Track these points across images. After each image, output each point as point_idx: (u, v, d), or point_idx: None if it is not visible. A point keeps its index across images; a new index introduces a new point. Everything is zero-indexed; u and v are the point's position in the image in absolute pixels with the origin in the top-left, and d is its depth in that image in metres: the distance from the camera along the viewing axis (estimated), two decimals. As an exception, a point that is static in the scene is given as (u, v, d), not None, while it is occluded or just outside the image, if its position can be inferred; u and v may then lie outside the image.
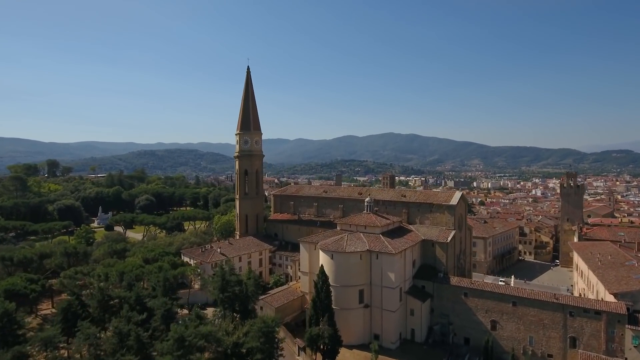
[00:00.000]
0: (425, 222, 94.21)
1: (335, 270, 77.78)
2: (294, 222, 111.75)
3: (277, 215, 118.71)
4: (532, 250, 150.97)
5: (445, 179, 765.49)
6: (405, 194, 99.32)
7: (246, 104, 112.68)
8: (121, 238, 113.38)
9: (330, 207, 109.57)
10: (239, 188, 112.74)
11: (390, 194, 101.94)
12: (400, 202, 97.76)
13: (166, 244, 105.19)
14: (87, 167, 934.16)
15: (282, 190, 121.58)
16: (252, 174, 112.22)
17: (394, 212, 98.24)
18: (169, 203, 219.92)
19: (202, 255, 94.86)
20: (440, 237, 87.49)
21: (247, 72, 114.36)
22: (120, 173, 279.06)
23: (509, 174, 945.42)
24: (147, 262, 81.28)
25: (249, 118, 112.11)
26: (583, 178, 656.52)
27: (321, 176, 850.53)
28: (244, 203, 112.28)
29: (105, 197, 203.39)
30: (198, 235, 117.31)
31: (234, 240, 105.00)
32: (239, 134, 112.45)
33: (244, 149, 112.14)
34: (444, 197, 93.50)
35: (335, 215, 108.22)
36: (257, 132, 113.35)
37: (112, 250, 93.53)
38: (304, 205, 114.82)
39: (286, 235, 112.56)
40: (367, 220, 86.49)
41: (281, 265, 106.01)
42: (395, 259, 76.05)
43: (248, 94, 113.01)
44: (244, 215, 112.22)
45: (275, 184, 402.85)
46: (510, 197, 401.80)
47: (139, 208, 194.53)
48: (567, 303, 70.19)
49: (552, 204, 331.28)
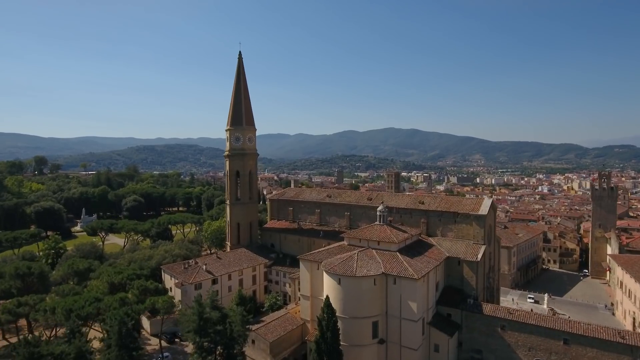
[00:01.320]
0: (448, 234, 79.51)
1: (344, 298, 63.19)
2: (293, 231, 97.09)
3: (274, 223, 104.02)
4: (557, 259, 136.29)
5: (447, 175, 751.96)
6: (424, 200, 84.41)
7: (237, 96, 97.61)
8: (94, 250, 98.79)
9: (335, 214, 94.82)
10: (230, 192, 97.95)
11: (405, 200, 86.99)
12: (417, 210, 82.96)
13: (145, 258, 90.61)
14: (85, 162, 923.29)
15: (280, 194, 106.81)
16: (244, 176, 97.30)
17: (410, 222, 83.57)
18: (160, 204, 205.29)
19: (184, 274, 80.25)
20: (468, 254, 72.81)
21: (238, 59, 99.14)
22: (107, 171, 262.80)
23: (511, 169, 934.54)
24: (113, 289, 66.86)
25: (240, 111, 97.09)
26: (587, 174, 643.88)
27: (322, 172, 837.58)
28: (235, 209, 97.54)
29: (90, 198, 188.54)
30: (184, 246, 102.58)
31: (223, 254, 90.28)
32: (229, 130, 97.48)
33: (235, 147, 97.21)
34: (471, 206, 78.65)
35: (341, 223, 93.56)
36: (250, 128, 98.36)
37: (73, 270, 78.67)
38: (304, 212, 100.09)
39: (284, 246, 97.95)
40: (381, 233, 71.71)
41: (278, 282, 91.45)
42: (418, 285, 61.37)
43: (240, 84, 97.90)
44: (235, 224, 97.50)
45: (274, 182, 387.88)
46: (516, 194, 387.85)
47: (126, 210, 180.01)
48: (637, 344, 55.62)
49: (561, 201, 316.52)
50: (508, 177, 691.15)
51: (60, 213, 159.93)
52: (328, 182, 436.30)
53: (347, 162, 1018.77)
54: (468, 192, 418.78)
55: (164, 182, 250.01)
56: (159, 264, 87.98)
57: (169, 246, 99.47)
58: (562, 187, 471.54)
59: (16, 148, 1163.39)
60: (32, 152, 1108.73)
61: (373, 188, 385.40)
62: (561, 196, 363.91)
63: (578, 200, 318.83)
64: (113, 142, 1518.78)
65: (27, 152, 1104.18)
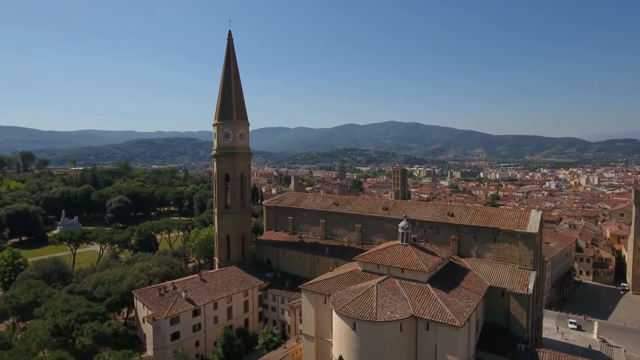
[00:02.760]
0: (485, 254, 64.02)
1: (360, 349, 47.96)
2: (294, 245, 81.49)
3: (271, 234, 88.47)
4: (591, 270, 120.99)
5: (450, 170, 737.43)
6: (454, 212, 68.70)
7: (227, 84, 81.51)
8: (57, 268, 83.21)
9: (344, 226, 79.23)
10: (217, 199, 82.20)
11: (430, 211, 71.18)
12: (446, 224, 67.37)
13: (115, 279, 75.16)
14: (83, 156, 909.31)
15: (278, 200, 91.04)
16: (235, 180, 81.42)
17: (437, 238, 68.09)
18: (149, 204, 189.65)
19: (159, 303, 64.83)
20: (516, 283, 57.35)
21: (228, 40, 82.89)
22: (94, 168, 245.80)
23: (513, 163, 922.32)
24: (58, 333, 51.67)
25: (230, 102, 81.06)
26: (591, 168, 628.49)
27: (322, 166, 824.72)
28: (224, 220, 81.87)
29: (72, 198, 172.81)
30: (165, 261, 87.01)
31: (208, 275, 74.65)
32: (216, 125, 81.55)
33: (224, 145, 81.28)
34: (516, 221, 62.94)
35: (350, 237, 78.05)
36: (241, 123, 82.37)
37: (12, 305, 63.02)
38: (307, 222, 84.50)
39: (283, 264, 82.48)
40: (406, 258, 56.16)
41: (275, 308, 76.11)
42: (460, 333, 46.06)
43: (230, 69, 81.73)
44: (224, 237, 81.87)
45: (273, 178, 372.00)
46: (523, 190, 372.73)
47: (111, 211, 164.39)
48: None
49: (571, 198, 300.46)
50: (512, 171, 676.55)
51: (35, 216, 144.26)
52: (329, 178, 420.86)
53: (348, 156, 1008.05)
54: (473, 187, 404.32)
55: (155, 179, 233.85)
56: (132, 287, 72.61)
57: (147, 262, 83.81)
58: (569, 182, 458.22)
59: (15, 141, 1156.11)
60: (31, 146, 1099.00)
61: (377, 184, 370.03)
62: (570, 192, 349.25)
63: (589, 197, 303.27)
64: (112, 136, 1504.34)
65: (26, 145, 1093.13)
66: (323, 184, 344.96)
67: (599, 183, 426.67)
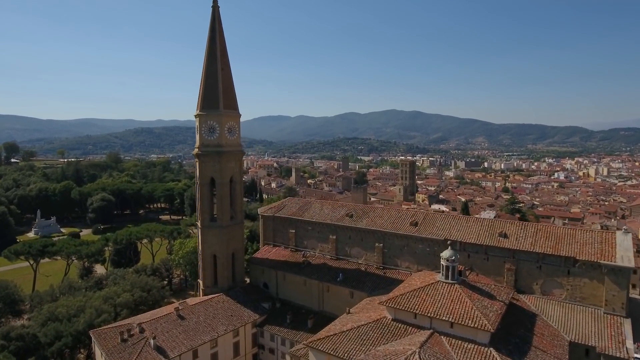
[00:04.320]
0: (554, 291, 47.91)
1: None
2: (297, 268, 65.20)
3: (269, 251, 72.17)
4: (637, 283, 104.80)
5: (454, 159, 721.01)
6: (508, 230, 52.12)
7: (211, 65, 64.26)
8: (5, 293, 67.35)
9: (360, 244, 62.92)
10: (201, 210, 65.56)
11: (475, 229, 54.46)
12: (497, 247, 51.07)
13: (72, 312, 59.23)
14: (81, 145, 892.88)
15: (277, 208, 74.42)
16: (222, 186, 64.61)
17: (485, 266, 51.93)
18: (137, 202, 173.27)
19: (119, 354, 48.90)
20: (607, 339, 41.28)
21: (213, 9, 65.28)
22: (77, 161, 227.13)
23: (516, 152, 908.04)
24: None
25: (216, 88, 63.99)
26: (597, 157, 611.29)
27: (323, 155, 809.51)
28: (210, 236, 65.40)
29: (51, 196, 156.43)
30: (140, 283, 70.79)
31: (188, 309, 58.28)
32: (199, 116, 64.57)
33: (209, 141, 64.40)
34: (597, 246, 46.58)
35: (369, 258, 61.83)
36: (230, 113, 65.34)
37: None
38: (313, 237, 68.24)
39: (283, 290, 66.32)
40: (456, 306, 39.94)
41: (274, 350, 60.11)
42: None
43: (215, 47, 64.34)
44: (209, 257, 65.50)
45: (273, 169, 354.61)
46: (531, 181, 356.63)
47: (92, 211, 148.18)
48: None
49: (582, 190, 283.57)
50: (517, 161, 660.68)
51: (5, 217, 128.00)
52: (332, 169, 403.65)
53: (349, 145, 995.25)
54: (479, 178, 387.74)
55: (145, 174, 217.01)
56: (90, 325, 56.67)
57: (114, 287, 67.70)
58: (577, 172, 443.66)
59: (14, 130, 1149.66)
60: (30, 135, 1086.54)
61: (381, 176, 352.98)
62: (581, 184, 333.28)
63: (601, 189, 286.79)
64: (112, 125, 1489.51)
65: (25, 134, 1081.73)
66: (325, 175, 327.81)
67: (608, 174, 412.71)
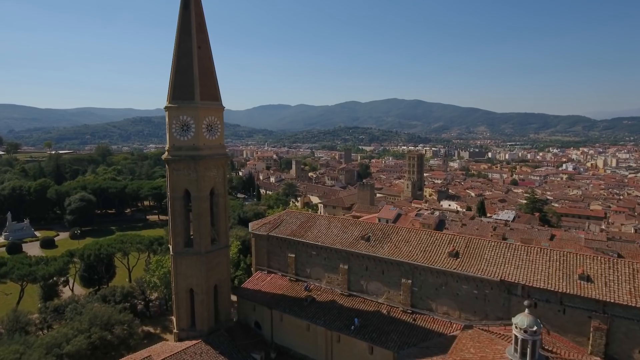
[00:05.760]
0: (671, 365, 32.93)
1: None
2: (298, 306, 50.17)
3: (262, 280, 57.06)
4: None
5: (458, 149, 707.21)
6: (591, 269, 36.84)
7: (184, 43, 48.33)
8: None
9: (380, 278, 47.82)
10: (172, 232, 50.28)
11: (539, 262, 39.22)
12: (578, 297, 35.95)
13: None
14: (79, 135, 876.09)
15: (273, 224, 58.95)
16: (199, 201, 49.18)
17: (559, 321, 36.57)
18: (124, 200, 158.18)
19: None
20: None
21: (187, -33, 49.28)
22: (57, 155, 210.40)
23: (519, 142, 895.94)
24: None
25: (190, 73, 48.18)
26: (602, 147, 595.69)
27: (324, 145, 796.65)
28: (184, 266, 50.17)
29: (25, 196, 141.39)
30: (101, 319, 56.05)
31: (153, 370, 43.52)
32: (169, 109, 48.95)
33: (181, 143, 48.83)
34: None
35: (391, 297, 46.76)
36: (210, 106, 49.59)
37: None
38: (318, 264, 53.15)
39: (280, 333, 51.33)
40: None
41: (268, 422, 45.56)
42: None
43: (189, 20, 48.18)
44: (185, 292, 50.41)
45: (273, 161, 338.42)
46: (538, 173, 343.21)
47: (70, 212, 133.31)
48: None
49: (594, 183, 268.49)
50: (522, 151, 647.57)
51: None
52: (334, 161, 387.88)
53: (349, 134, 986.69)
54: (485, 170, 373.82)
55: (132, 169, 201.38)
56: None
57: (64, 328, 52.78)
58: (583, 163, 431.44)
59: (12, 119, 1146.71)
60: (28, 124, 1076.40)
61: (385, 168, 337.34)
62: (590, 176, 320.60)
63: (612, 181, 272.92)
64: (111, 114, 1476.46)
65: (23, 123, 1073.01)
66: (327, 168, 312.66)
67: (617, 165, 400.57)
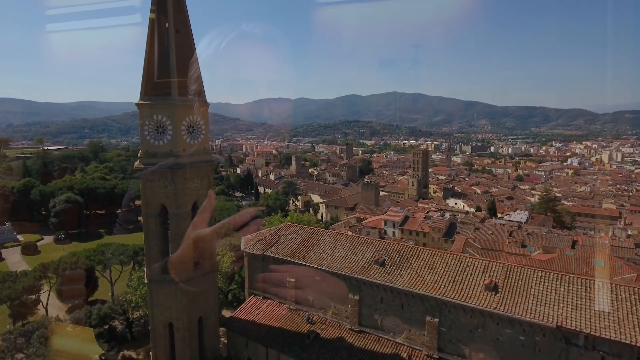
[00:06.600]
0: None
1: None
2: (297, 343, 41.77)
3: (257, 306, 48.59)
4: None
5: (460, 144, 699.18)
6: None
7: (159, 28, 39.53)
8: None
9: (399, 312, 39.35)
10: (148, 256, 41.81)
11: (610, 301, 31.08)
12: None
13: None
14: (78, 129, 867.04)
15: (269, 242, 50.38)
16: (179, 219, 40.61)
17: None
18: (113, 201, 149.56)
19: None
20: None
21: None
22: (44, 152, 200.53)
23: (521, 136, 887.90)
24: None
25: (166, 64, 39.41)
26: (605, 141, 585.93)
27: (325, 139, 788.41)
28: (162, 295, 41.79)
29: (7, 196, 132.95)
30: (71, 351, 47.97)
31: None
32: (141, 107, 40.25)
33: (156, 148, 40.23)
34: None
35: (413, 337, 38.29)
36: (191, 102, 40.86)
37: None
38: (321, 292, 44.72)
39: (277, 374, 43.13)
40: None
41: None
42: None
43: (165, 3, 39.54)
44: (163, 327, 42.06)
45: (273, 157, 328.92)
46: (543, 168, 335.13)
47: (55, 214, 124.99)
48: None
49: (601, 179, 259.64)
50: (525, 146, 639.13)
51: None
52: (334, 156, 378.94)
53: (350, 128, 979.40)
54: (489, 165, 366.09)
55: (124, 167, 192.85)
56: None
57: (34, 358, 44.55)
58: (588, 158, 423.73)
59: (11, 113, 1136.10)
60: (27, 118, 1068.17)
61: (388, 163, 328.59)
62: (596, 171, 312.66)
63: (620, 177, 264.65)
64: (111, 107, 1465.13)
65: (22, 117, 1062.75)
66: (328, 164, 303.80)
67: (622, 160, 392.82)
